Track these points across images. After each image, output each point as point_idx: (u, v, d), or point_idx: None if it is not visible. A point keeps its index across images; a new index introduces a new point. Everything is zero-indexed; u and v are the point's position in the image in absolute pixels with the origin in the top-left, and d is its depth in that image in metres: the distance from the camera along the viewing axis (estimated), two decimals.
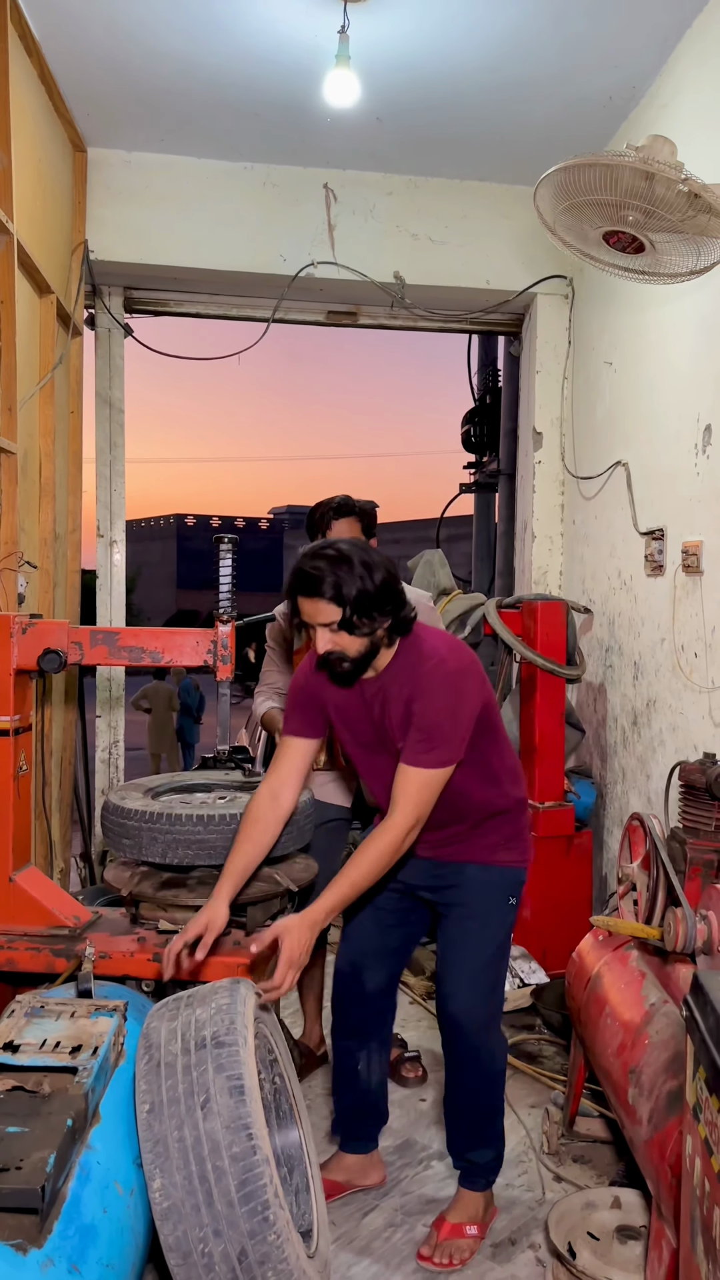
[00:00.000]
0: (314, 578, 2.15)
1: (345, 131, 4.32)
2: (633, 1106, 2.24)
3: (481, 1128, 2.49)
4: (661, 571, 3.61)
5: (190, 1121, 1.88)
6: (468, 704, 2.24)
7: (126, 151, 4.58)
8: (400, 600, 2.22)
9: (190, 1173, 1.84)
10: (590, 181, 2.77)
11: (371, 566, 2.17)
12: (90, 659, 2.77)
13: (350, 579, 2.14)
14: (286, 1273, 1.85)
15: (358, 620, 2.16)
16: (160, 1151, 1.86)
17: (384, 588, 2.17)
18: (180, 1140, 1.87)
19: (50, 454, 3.91)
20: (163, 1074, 1.95)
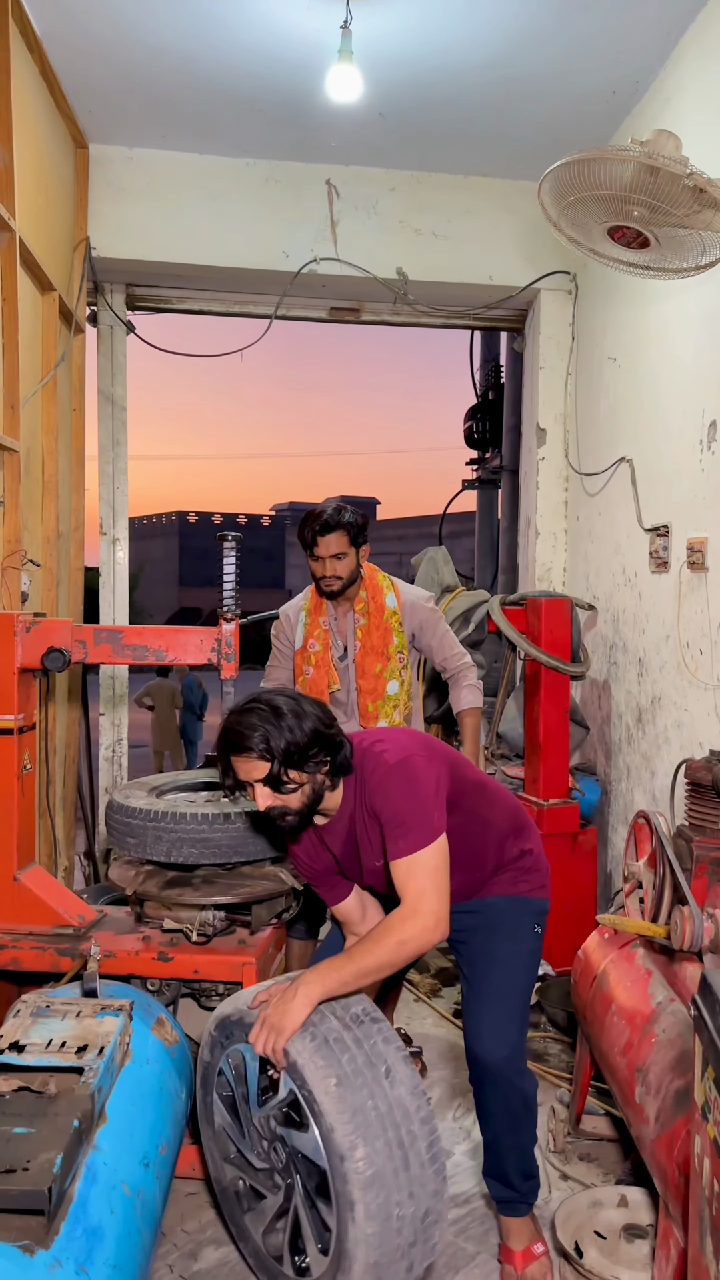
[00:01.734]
0: (242, 734, 2.08)
1: (347, 127, 4.31)
2: (640, 1105, 2.23)
3: (515, 1157, 2.35)
4: (666, 568, 3.60)
5: (379, 1090, 1.95)
6: (423, 781, 2.14)
7: (128, 148, 4.56)
8: (335, 743, 2.15)
9: (389, 1139, 1.92)
10: (595, 176, 2.75)
11: (301, 716, 2.10)
12: (94, 657, 2.77)
13: (278, 733, 2.06)
14: (443, 1229, 2.02)
15: (289, 773, 2.08)
16: (360, 1121, 1.91)
17: (315, 735, 2.09)
18: (375, 1108, 1.93)
19: (53, 452, 3.90)
20: (334, 1049, 1.97)
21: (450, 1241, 2.47)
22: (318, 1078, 1.93)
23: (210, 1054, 2.23)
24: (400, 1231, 1.91)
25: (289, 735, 2.07)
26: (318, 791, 2.15)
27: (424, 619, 3.28)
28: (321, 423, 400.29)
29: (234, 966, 2.56)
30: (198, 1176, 2.59)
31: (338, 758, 2.15)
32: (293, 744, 2.06)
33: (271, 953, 2.75)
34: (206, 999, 2.70)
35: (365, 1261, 1.88)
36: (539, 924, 2.41)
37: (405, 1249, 1.94)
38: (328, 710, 2.19)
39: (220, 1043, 2.21)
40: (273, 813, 2.15)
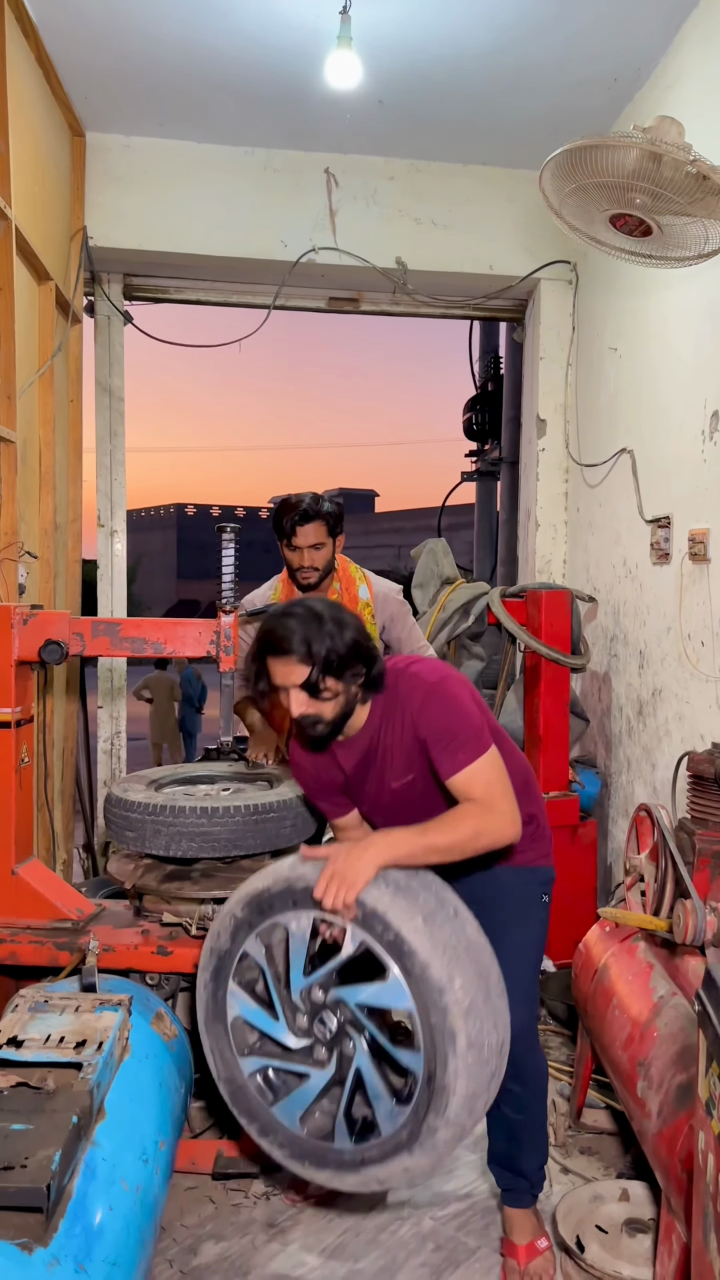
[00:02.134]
0: (283, 637, 2.06)
1: (346, 115, 4.27)
2: (642, 1099, 2.22)
3: (525, 1137, 2.34)
4: (667, 559, 3.58)
5: (455, 928, 1.98)
6: (465, 698, 2.16)
7: (125, 136, 4.52)
8: (371, 657, 2.13)
9: (474, 971, 1.95)
10: (596, 164, 2.73)
11: (342, 625, 2.08)
12: (92, 650, 2.75)
13: (320, 637, 2.04)
14: (504, 1066, 2.03)
15: (327, 680, 2.06)
16: (451, 955, 1.91)
17: (354, 646, 2.08)
18: (457, 944, 1.95)
19: (50, 443, 3.88)
20: (406, 895, 1.95)
21: (451, 1235, 2.46)
22: (404, 918, 1.90)
23: (230, 941, 2.10)
24: (487, 1062, 1.93)
25: (329, 642, 2.05)
26: (350, 703, 2.14)
27: (394, 611, 3.27)
28: (320, 415, 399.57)
29: None
30: (198, 1171, 2.58)
31: (372, 671, 2.14)
32: (333, 651, 2.04)
33: None
34: None
35: (464, 1093, 1.87)
36: (546, 893, 2.38)
37: (488, 1081, 1.94)
38: (363, 625, 2.18)
39: (248, 923, 2.08)
40: (305, 720, 2.12)
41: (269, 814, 2.57)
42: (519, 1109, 2.32)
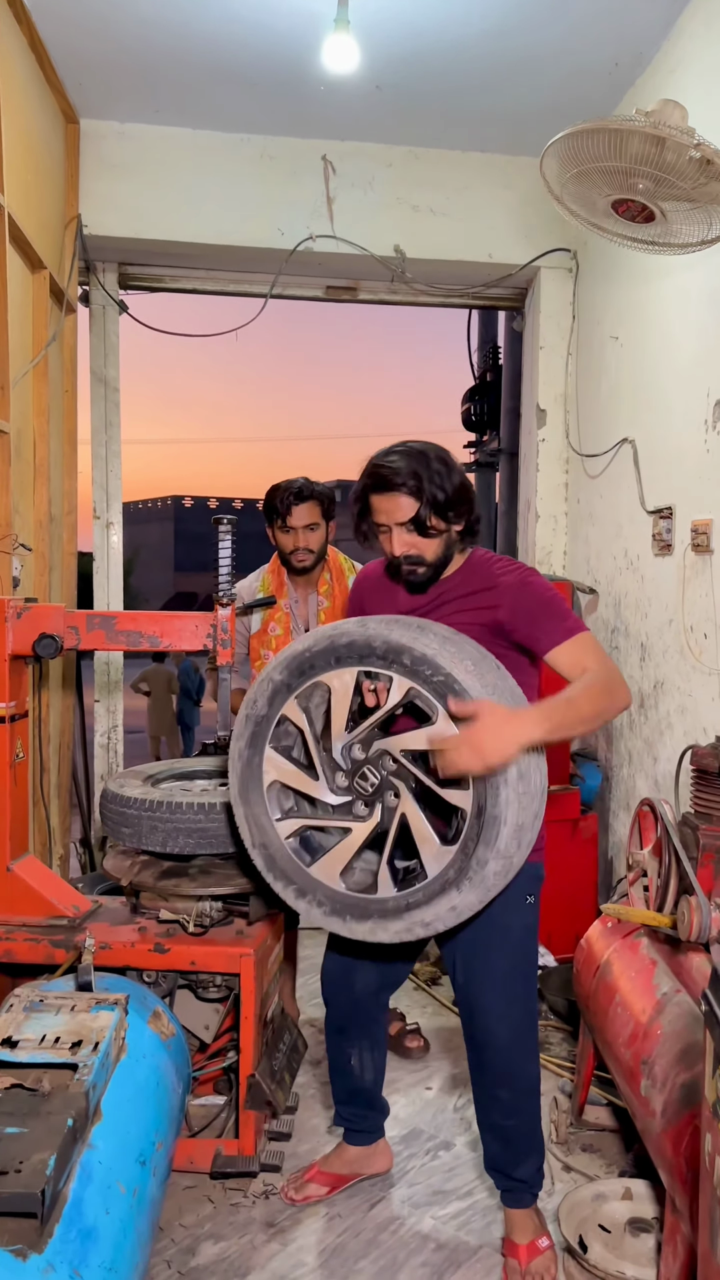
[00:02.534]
0: (393, 470, 2.09)
1: (344, 101, 4.21)
2: (645, 1098, 2.19)
3: (520, 1143, 2.32)
4: (670, 551, 3.54)
5: (499, 675, 2.04)
6: (545, 582, 2.17)
7: (120, 123, 4.46)
8: (472, 504, 2.17)
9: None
10: (598, 148, 2.68)
11: (449, 466, 2.13)
12: (87, 644, 2.71)
13: (429, 474, 2.09)
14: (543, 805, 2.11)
15: (434, 520, 2.10)
16: (498, 695, 1.95)
17: (460, 489, 2.13)
18: (502, 687, 2.00)
19: (44, 434, 3.83)
20: (454, 644, 2.01)
21: (452, 1235, 2.44)
22: (453, 662, 1.94)
23: (268, 706, 2.11)
24: (534, 797, 1.99)
25: (438, 480, 2.09)
26: (450, 548, 2.16)
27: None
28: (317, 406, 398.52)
29: (231, 958, 2.51)
30: (196, 1170, 2.55)
31: (472, 518, 2.16)
32: (441, 489, 2.09)
33: (270, 944, 2.70)
34: (204, 990, 2.65)
35: (514, 823, 1.92)
36: (532, 892, 2.28)
37: (532, 818, 2.00)
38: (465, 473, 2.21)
39: (286, 686, 2.08)
40: (408, 559, 2.15)
41: None
42: (509, 1114, 2.30)
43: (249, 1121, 2.55)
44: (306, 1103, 3.01)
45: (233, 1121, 2.66)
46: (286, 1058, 2.76)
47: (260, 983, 2.56)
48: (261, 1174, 2.58)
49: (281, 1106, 2.59)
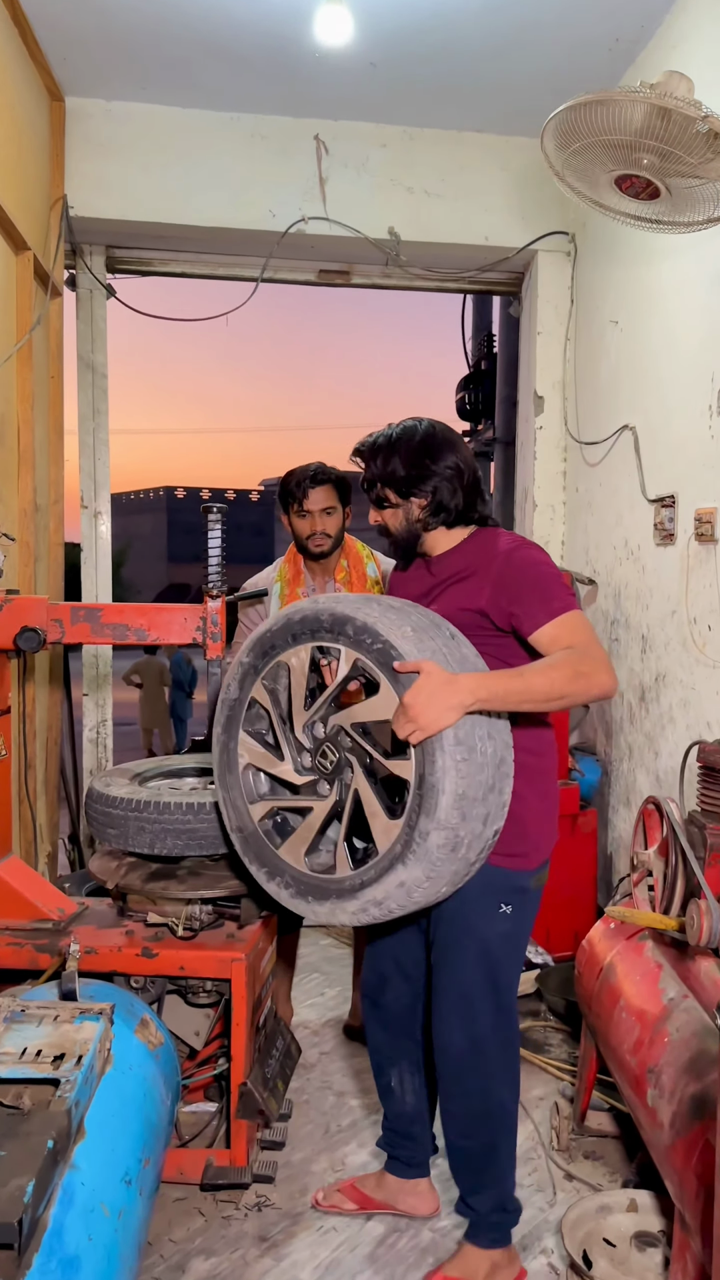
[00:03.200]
0: (360, 444, 2.24)
1: (337, 78, 4.10)
2: (653, 1108, 2.11)
3: (475, 1168, 2.20)
4: (672, 540, 3.45)
5: (445, 642, 1.96)
6: (545, 559, 2.07)
7: (106, 101, 4.34)
8: (432, 481, 2.15)
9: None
10: (602, 121, 2.58)
11: (413, 441, 2.16)
12: (71, 637, 2.61)
13: (385, 449, 2.17)
14: (509, 790, 2.02)
15: (386, 491, 2.19)
16: (440, 661, 1.89)
17: (417, 465, 2.14)
18: (449, 655, 1.93)
19: (29, 420, 3.72)
20: (397, 613, 1.97)
21: (450, 1249, 2.35)
22: (392, 629, 1.91)
23: (239, 689, 2.15)
24: (481, 766, 1.89)
25: (390, 455, 2.16)
26: (413, 523, 2.19)
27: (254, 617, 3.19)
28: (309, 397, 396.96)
29: (222, 962, 2.42)
30: (186, 1181, 2.47)
31: (440, 499, 2.16)
32: (393, 464, 2.15)
33: (262, 946, 2.61)
34: (193, 996, 2.56)
35: (453, 792, 1.84)
36: (510, 902, 2.11)
37: (483, 790, 1.91)
38: (468, 458, 2.21)
39: (254, 668, 2.13)
40: (378, 528, 2.26)
41: None
42: (465, 1134, 2.20)
43: (241, 1131, 2.47)
44: (301, 1109, 2.93)
45: (224, 1130, 2.57)
46: (280, 1064, 2.67)
47: (252, 988, 2.48)
48: (254, 1185, 2.50)
49: (275, 1115, 2.50)
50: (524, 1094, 3.01)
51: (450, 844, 1.87)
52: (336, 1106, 2.95)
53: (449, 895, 2.04)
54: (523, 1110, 2.93)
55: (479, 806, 1.91)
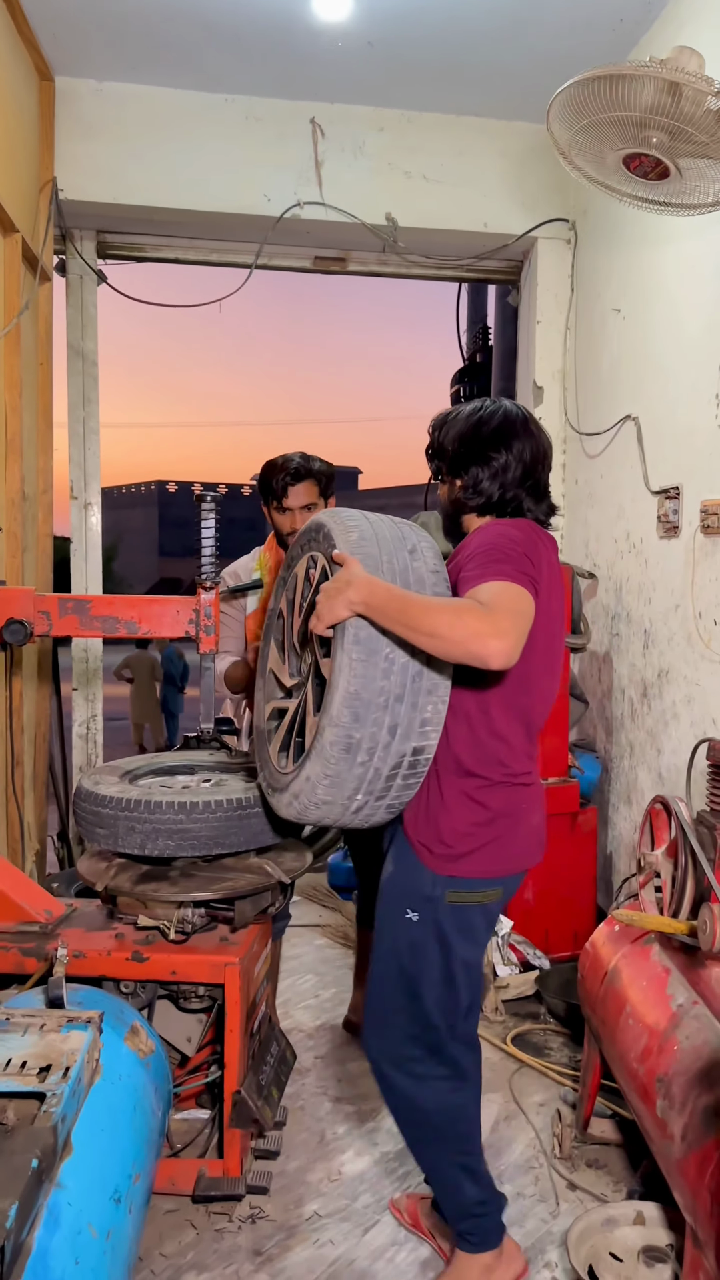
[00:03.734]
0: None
1: (334, 59, 4.01)
2: (663, 1120, 2.03)
3: (441, 1185, 2.16)
4: (676, 533, 3.37)
5: (395, 553, 1.95)
6: (528, 545, 1.92)
7: (97, 81, 4.24)
8: (450, 462, 2.13)
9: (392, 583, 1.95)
10: (610, 97, 2.49)
11: (448, 426, 2.15)
12: (59, 629, 2.53)
13: (449, 428, 2.15)
14: (443, 707, 1.96)
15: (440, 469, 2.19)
16: (373, 566, 1.90)
17: (441, 446, 2.16)
18: (393, 565, 1.93)
19: (16, 408, 3.62)
20: (357, 520, 2.01)
21: None
22: (342, 536, 1.96)
23: (274, 601, 2.32)
24: (389, 675, 1.85)
25: (448, 433, 2.14)
26: (451, 504, 2.18)
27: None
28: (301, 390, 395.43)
29: (215, 967, 2.34)
30: (178, 1192, 2.39)
31: (467, 480, 2.11)
32: (435, 443, 2.17)
33: (256, 950, 2.53)
34: (185, 1001, 2.48)
35: (345, 690, 1.83)
36: (413, 908, 2.02)
37: (391, 700, 1.86)
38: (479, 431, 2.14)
39: (282, 580, 2.29)
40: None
41: (253, 809, 2.35)
42: (413, 1143, 2.18)
43: (234, 1140, 2.39)
44: (295, 1115, 2.85)
45: (217, 1140, 2.49)
46: (274, 1070, 2.59)
47: (246, 993, 2.39)
48: (248, 1196, 2.42)
49: (269, 1124, 2.42)
50: (523, 1099, 2.94)
51: (344, 744, 1.86)
52: (333, 1113, 2.88)
53: (381, 815, 2.01)
54: (523, 1117, 2.85)
55: (379, 713, 1.86)
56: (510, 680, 1.99)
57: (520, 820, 2.06)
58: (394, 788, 1.95)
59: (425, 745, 1.92)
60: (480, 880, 2.03)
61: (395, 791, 1.96)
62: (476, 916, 2.06)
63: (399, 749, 1.90)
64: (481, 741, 2.00)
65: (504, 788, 2.02)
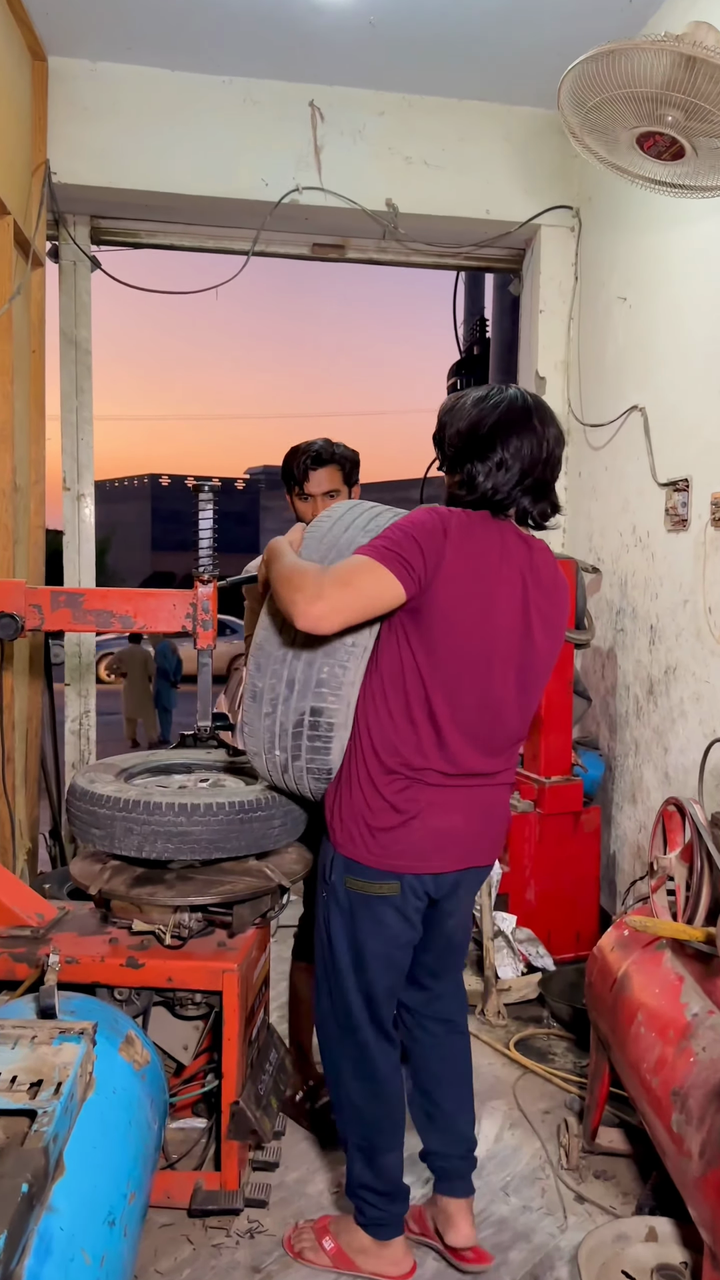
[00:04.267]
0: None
1: (334, 39, 3.91)
2: (679, 1135, 1.96)
3: (338, 1124, 2.28)
4: (685, 526, 3.29)
5: (342, 534, 2.06)
6: (421, 530, 1.91)
7: (91, 61, 4.14)
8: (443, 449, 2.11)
9: (320, 554, 2.05)
10: (623, 73, 2.41)
11: (446, 415, 2.11)
12: (51, 624, 2.43)
13: (449, 420, 2.11)
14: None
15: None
16: (309, 550, 2.05)
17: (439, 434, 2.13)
18: (330, 538, 2.05)
19: (8, 395, 3.52)
20: (324, 520, 2.11)
21: (458, 1277, 2.20)
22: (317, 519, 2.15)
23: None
24: (286, 630, 2.00)
25: (447, 427, 2.12)
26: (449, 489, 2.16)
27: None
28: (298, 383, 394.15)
29: (213, 973, 2.26)
30: (173, 1205, 2.31)
31: (459, 468, 2.08)
32: (441, 435, 2.14)
33: (255, 955, 2.45)
34: (182, 1007, 2.40)
35: (255, 641, 2.09)
36: (324, 887, 2.12)
37: (289, 656, 2.01)
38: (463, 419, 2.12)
39: None
40: None
41: (255, 811, 2.27)
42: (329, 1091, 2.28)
43: (232, 1153, 2.31)
44: (294, 1124, 2.77)
45: (214, 1151, 2.40)
46: (273, 1079, 2.51)
47: (244, 1001, 2.31)
48: (246, 1210, 2.34)
49: (269, 1135, 2.34)
50: (528, 1107, 2.87)
51: (251, 692, 2.06)
52: (333, 1122, 2.79)
53: (308, 781, 2.10)
54: (528, 1125, 2.78)
55: (278, 665, 2.02)
56: (409, 666, 1.97)
57: (418, 819, 2.01)
58: (303, 747, 2.03)
59: (323, 707, 1.99)
60: (373, 870, 2.03)
61: (306, 752, 2.03)
62: (380, 908, 2.05)
63: (298, 706, 2.00)
64: (382, 724, 1.99)
65: (400, 779, 2.00)
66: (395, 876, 2.03)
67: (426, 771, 1.99)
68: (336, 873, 2.06)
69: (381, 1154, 2.17)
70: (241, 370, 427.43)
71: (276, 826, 2.31)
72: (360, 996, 2.11)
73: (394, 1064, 2.19)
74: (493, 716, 2.02)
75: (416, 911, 2.09)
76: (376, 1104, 2.17)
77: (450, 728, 1.98)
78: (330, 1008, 2.16)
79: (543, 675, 2.12)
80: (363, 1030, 2.12)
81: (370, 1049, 2.14)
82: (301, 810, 2.39)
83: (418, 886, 2.06)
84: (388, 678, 1.98)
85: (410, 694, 1.96)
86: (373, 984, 2.10)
